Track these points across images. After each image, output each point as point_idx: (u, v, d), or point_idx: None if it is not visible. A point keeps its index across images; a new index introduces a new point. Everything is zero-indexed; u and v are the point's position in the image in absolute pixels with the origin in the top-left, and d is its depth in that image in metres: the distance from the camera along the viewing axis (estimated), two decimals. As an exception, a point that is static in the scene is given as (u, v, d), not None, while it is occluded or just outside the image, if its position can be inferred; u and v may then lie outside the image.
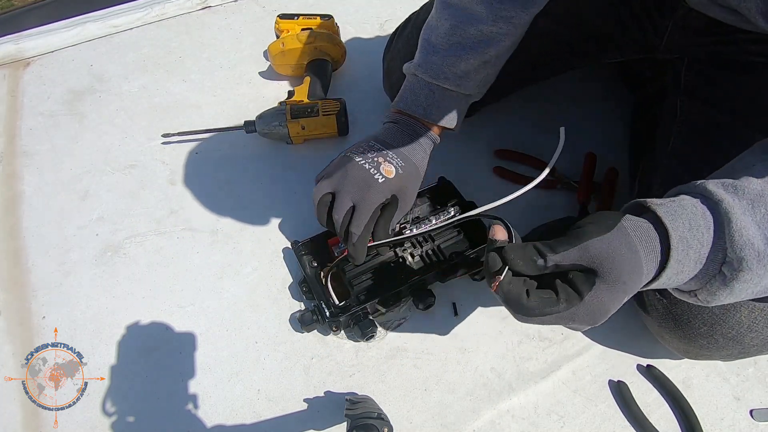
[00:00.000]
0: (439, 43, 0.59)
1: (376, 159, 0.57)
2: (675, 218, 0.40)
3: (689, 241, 0.39)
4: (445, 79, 0.59)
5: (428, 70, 0.60)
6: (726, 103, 0.61)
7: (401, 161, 0.59)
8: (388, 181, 0.56)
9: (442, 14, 0.59)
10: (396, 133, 0.61)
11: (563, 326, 0.42)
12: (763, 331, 0.50)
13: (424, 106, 0.61)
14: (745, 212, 0.38)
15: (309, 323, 0.61)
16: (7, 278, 0.68)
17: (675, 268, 0.39)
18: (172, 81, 0.93)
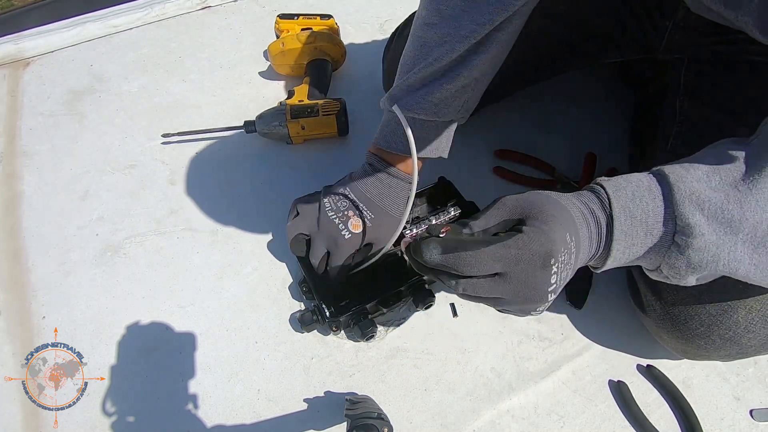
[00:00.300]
0: (414, 79, 0.55)
1: (346, 213, 0.61)
2: (618, 189, 0.40)
3: (632, 210, 0.40)
4: (420, 110, 0.56)
5: (403, 105, 0.56)
6: (726, 104, 0.61)
7: (371, 213, 0.61)
8: (355, 236, 0.60)
9: (409, 43, 0.57)
10: (370, 181, 0.62)
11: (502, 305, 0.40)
12: (761, 332, 0.50)
13: (403, 142, 0.58)
14: (699, 180, 0.39)
15: (309, 323, 0.61)
16: (7, 278, 0.68)
17: (623, 240, 0.40)
18: (172, 81, 0.93)
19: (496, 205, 0.42)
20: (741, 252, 0.38)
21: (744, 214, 0.37)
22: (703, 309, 0.51)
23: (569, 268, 0.39)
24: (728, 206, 0.38)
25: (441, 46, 0.53)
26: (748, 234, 0.38)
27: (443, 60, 0.53)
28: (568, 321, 0.65)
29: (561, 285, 0.40)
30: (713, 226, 0.38)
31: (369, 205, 0.61)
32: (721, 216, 0.38)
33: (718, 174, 0.39)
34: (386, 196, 0.62)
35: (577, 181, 0.76)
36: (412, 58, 0.56)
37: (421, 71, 0.55)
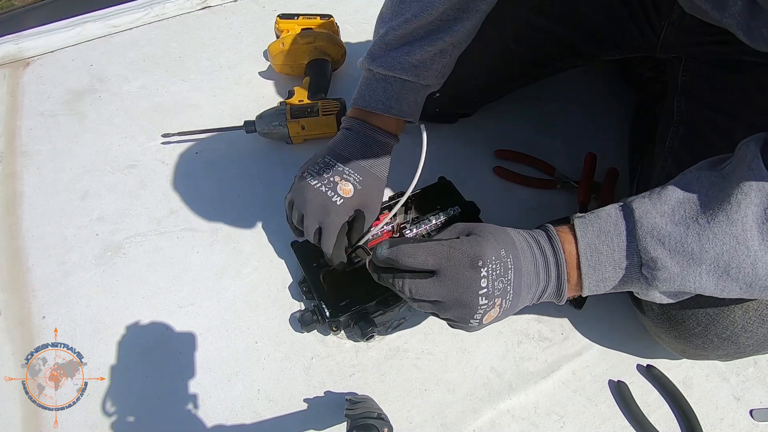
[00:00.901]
0: (393, 36, 0.56)
1: (333, 179, 0.56)
2: (586, 227, 0.44)
3: (598, 246, 0.43)
4: (401, 70, 0.56)
5: (383, 63, 0.57)
6: (722, 104, 0.61)
7: (359, 176, 0.57)
8: (347, 201, 0.56)
9: (393, 4, 0.57)
10: (352, 143, 0.59)
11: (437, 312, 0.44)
12: (758, 332, 0.50)
13: (383, 101, 0.58)
14: (663, 215, 0.41)
15: (309, 323, 0.61)
16: (7, 278, 0.68)
17: (593, 275, 0.44)
18: (172, 81, 0.93)
19: (449, 227, 0.47)
20: (706, 280, 0.41)
21: (703, 247, 0.39)
22: (700, 309, 0.51)
23: (505, 281, 0.43)
24: (687, 240, 0.40)
25: (419, 1, 0.53)
26: (711, 265, 0.40)
27: (421, 17, 0.53)
28: (568, 321, 0.65)
29: (496, 295, 0.43)
30: (676, 259, 0.40)
31: (354, 167, 0.57)
32: (681, 249, 0.40)
33: (682, 207, 0.41)
34: (370, 157, 0.59)
35: (577, 181, 0.76)
36: (389, 12, 0.56)
37: (399, 27, 0.54)
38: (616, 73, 0.92)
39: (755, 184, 0.38)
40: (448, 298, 0.42)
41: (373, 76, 0.58)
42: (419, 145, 0.82)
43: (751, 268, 0.39)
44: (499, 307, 0.44)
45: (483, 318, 0.43)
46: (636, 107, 0.85)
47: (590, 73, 0.93)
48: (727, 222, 0.39)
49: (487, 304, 0.42)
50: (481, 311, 0.43)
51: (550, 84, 0.83)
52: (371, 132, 0.59)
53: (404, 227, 0.68)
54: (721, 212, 0.39)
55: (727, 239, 0.39)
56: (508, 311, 0.45)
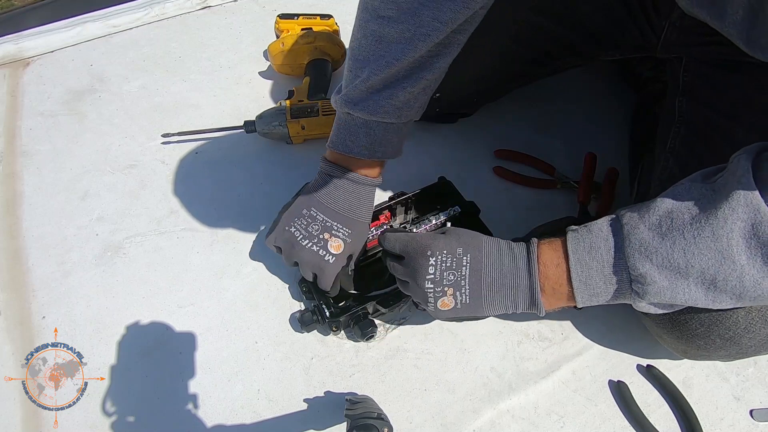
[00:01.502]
0: (374, 80, 0.52)
1: (322, 236, 0.57)
2: (577, 242, 0.46)
3: (588, 262, 0.45)
4: (384, 113, 0.54)
5: (365, 108, 0.54)
6: (722, 104, 0.61)
7: (347, 229, 0.58)
8: (339, 256, 0.58)
9: (359, 35, 0.53)
10: (337, 194, 0.58)
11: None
12: (761, 332, 0.50)
13: (366, 146, 0.56)
14: (651, 228, 0.42)
15: (309, 323, 0.61)
16: (7, 278, 0.68)
17: (584, 290, 0.46)
18: (172, 81, 0.93)
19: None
20: (695, 293, 0.42)
21: (688, 261, 0.41)
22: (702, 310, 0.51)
23: (457, 274, 0.48)
24: (674, 255, 0.41)
25: (400, 44, 0.50)
26: (698, 278, 0.41)
27: (404, 60, 0.51)
28: (568, 321, 0.65)
29: (446, 284, 0.48)
30: (663, 273, 0.42)
31: (341, 221, 0.58)
32: (668, 264, 0.41)
33: (669, 219, 0.42)
34: (356, 207, 0.59)
35: (576, 181, 0.76)
36: (367, 54, 0.52)
37: (381, 71, 0.52)
38: (616, 73, 0.92)
39: (743, 199, 0.38)
40: (408, 279, 0.51)
41: (352, 120, 0.56)
42: (421, 143, 0.83)
43: (738, 281, 0.40)
44: (452, 297, 0.49)
45: (437, 303, 0.49)
46: (636, 107, 0.85)
47: (590, 73, 0.93)
48: (713, 237, 0.39)
49: (434, 289, 0.49)
50: (431, 295, 0.49)
51: (550, 84, 0.83)
52: (355, 180, 0.58)
53: (404, 227, 0.68)
54: (707, 227, 0.40)
55: (712, 254, 0.40)
56: (469, 307, 0.49)
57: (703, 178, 0.44)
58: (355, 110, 0.54)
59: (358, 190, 0.59)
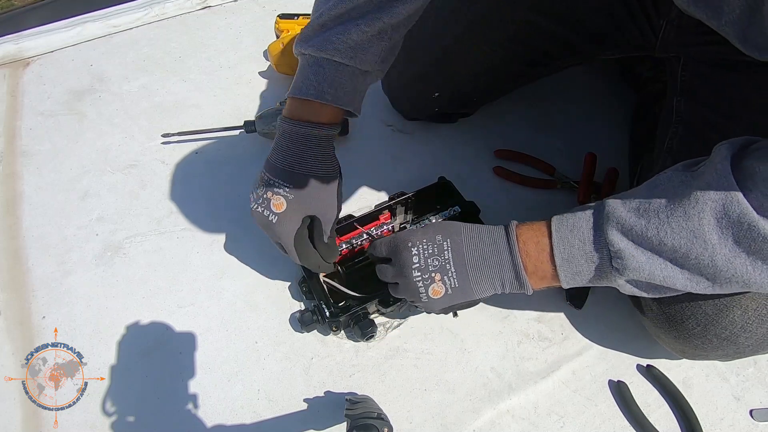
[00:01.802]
0: (327, 16, 0.51)
1: (265, 196, 0.54)
2: (561, 222, 0.47)
3: (570, 240, 0.46)
4: (335, 50, 0.51)
5: (315, 44, 0.52)
6: (721, 104, 0.61)
7: (288, 184, 0.53)
8: (283, 215, 0.54)
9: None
10: (285, 150, 0.54)
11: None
12: (757, 331, 0.50)
13: (314, 86, 0.52)
14: (629, 210, 0.44)
15: (309, 323, 0.61)
16: (7, 278, 0.68)
17: (567, 268, 0.47)
18: (172, 81, 0.93)
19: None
20: (671, 270, 0.43)
21: (661, 239, 0.42)
22: (699, 309, 0.51)
23: (441, 259, 0.50)
24: (648, 233, 0.42)
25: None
26: (671, 255, 0.42)
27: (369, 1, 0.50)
28: (568, 321, 0.65)
29: (432, 270, 0.50)
30: (640, 249, 0.43)
31: (284, 177, 0.53)
32: (644, 241, 0.43)
33: (648, 202, 0.43)
34: (304, 160, 0.54)
35: (576, 181, 0.76)
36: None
37: (335, 7, 0.50)
38: (616, 73, 0.92)
39: (715, 183, 0.39)
40: (397, 278, 0.52)
41: (306, 61, 0.53)
42: (421, 143, 0.83)
43: (710, 260, 0.41)
44: (442, 283, 0.50)
45: (429, 292, 0.50)
46: (636, 107, 0.85)
47: (590, 73, 0.93)
48: (684, 216, 0.41)
49: (422, 277, 0.50)
50: (421, 284, 0.50)
51: (550, 84, 0.83)
52: (303, 129, 0.54)
53: (404, 227, 0.68)
54: (680, 207, 0.41)
55: (684, 233, 0.41)
56: (459, 291, 0.50)
57: (685, 168, 0.45)
58: (305, 47, 0.52)
59: (309, 140, 0.54)
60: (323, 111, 0.54)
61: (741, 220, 0.38)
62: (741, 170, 0.39)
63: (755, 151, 0.41)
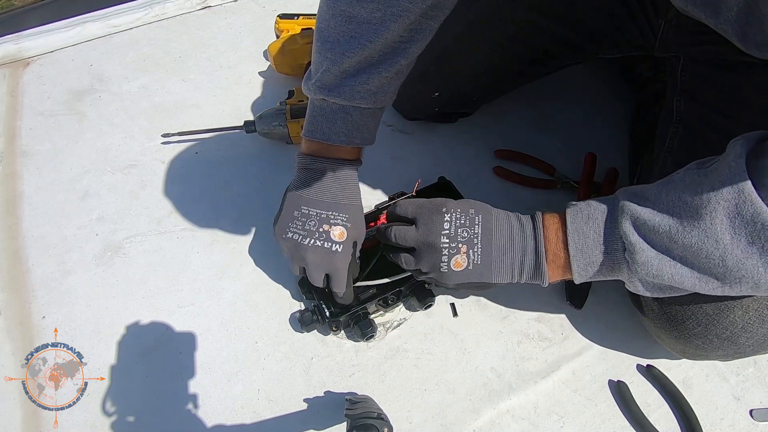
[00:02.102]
0: (348, 63, 0.52)
1: (322, 229, 0.56)
2: (576, 213, 0.48)
3: (585, 231, 0.47)
4: (361, 98, 0.54)
5: (341, 93, 0.54)
6: (721, 104, 0.61)
7: (343, 215, 0.57)
8: (345, 243, 0.57)
9: (326, 13, 0.53)
10: (322, 184, 0.58)
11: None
12: (758, 331, 0.50)
13: (345, 133, 0.56)
14: (643, 204, 0.44)
15: (309, 323, 0.61)
16: (7, 278, 0.68)
17: (581, 258, 0.47)
18: (172, 81, 0.93)
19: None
20: (680, 269, 0.43)
21: (672, 237, 0.42)
22: (699, 309, 0.51)
23: (471, 231, 0.50)
24: (660, 229, 0.42)
25: (372, 24, 0.50)
26: (682, 253, 0.42)
27: (377, 42, 0.50)
28: (568, 321, 0.65)
29: (460, 241, 0.50)
30: (651, 245, 0.43)
31: (335, 208, 0.57)
32: (656, 236, 0.43)
33: (661, 200, 0.43)
34: (345, 192, 0.58)
35: (576, 181, 0.76)
36: (337, 35, 0.52)
37: (354, 54, 0.51)
38: (616, 73, 0.92)
39: (728, 180, 0.39)
40: (420, 242, 0.52)
41: (328, 106, 0.56)
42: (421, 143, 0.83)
43: (720, 260, 0.40)
44: (466, 256, 0.50)
45: (451, 262, 0.50)
46: (636, 107, 0.85)
47: (590, 73, 0.93)
48: (696, 215, 0.40)
49: (449, 245, 0.50)
50: (446, 253, 0.50)
51: (549, 84, 0.83)
52: (336, 167, 0.58)
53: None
54: (692, 207, 0.41)
55: (696, 231, 0.40)
56: (480, 268, 0.50)
57: (698, 166, 0.45)
58: (330, 96, 0.54)
59: (343, 175, 0.58)
60: (349, 150, 0.59)
61: (755, 220, 0.38)
62: (757, 168, 0.39)
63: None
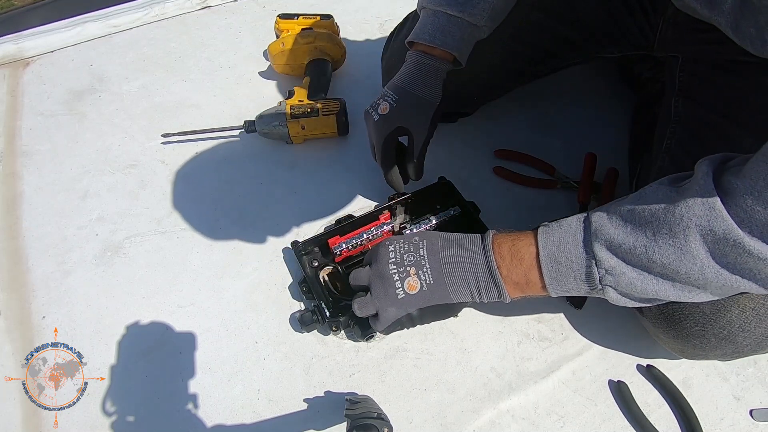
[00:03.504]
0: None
1: (377, 101, 0.65)
2: (547, 237, 0.47)
3: (558, 257, 0.47)
4: (447, 5, 0.61)
5: (432, 1, 0.63)
6: (718, 104, 0.61)
7: (395, 95, 0.64)
8: (384, 117, 0.64)
9: None
10: (403, 73, 0.65)
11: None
12: (756, 331, 0.50)
13: (429, 32, 0.63)
14: (617, 227, 0.44)
15: (309, 323, 0.61)
16: (7, 278, 0.68)
17: (556, 286, 0.48)
18: (172, 81, 0.93)
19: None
20: (663, 284, 0.44)
21: (650, 257, 0.43)
22: (697, 308, 0.51)
23: (416, 255, 0.52)
24: (636, 251, 0.43)
25: None
26: (660, 272, 0.43)
27: None
28: (568, 321, 0.65)
29: (407, 264, 0.51)
30: (630, 266, 0.44)
31: (393, 89, 0.64)
32: (633, 258, 0.44)
33: (634, 219, 0.44)
34: (415, 78, 0.64)
35: (576, 181, 0.76)
36: None
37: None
38: (616, 73, 0.92)
39: (699, 199, 0.40)
40: (371, 277, 0.53)
41: (426, 14, 0.64)
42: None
43: (700, 274, 0.41)
44: (417, 277, 0.51)
45: (405, 286, 0.51)
46: (635, 107, 0.85)
47: (590, 73, 0.93)
48: (670, 234, 0.41)
49: (398, 270, 0.52)
50: (397, 278, 0.51)
51: (549, 84, 0.83)
52: (418, 57, 0.64)
53: (404, 227, 0.68)
54: (665, 225, 0.42)
55: (671, 250, 0.41)
56: (435, 289, 0.51)
57: (671, 182, 0.45)
58: (426, 3, 0.64)
59: (419, 66, 0.64)
60: (436, 50, 0.64)
61: (726, 237, 0.39)
62: (720, 185, 0.40)
63: (731, 167, 0.41)
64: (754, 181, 0.38)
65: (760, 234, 0.38)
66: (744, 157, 0.41)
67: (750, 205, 0.38)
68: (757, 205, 0.37)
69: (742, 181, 0.39)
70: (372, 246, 0.66)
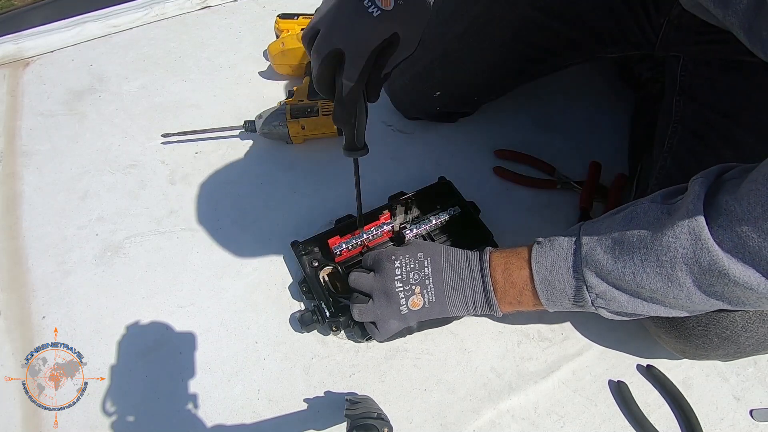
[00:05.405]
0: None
1: (413, 288, 0.54)
2: (540, 260, 0.49)
3: (551, 281, 0.49)
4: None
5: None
6: (719, 103, 0.61)
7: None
8: (386, 14, 0.41)
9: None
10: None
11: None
12: (758, 331, 0.50)
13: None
14: (606, 251, 0.45)
15: (309, 323, 0.61)
16: (7, 278, 0.68)
17: (552, 307, 0.50)
18: (172, 81, 0.93)
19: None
20: (653, 306, 0.46)
21: (638, 282, 0.44)
22: None
23: (421, 274, 0.53)
24: (625, 277, 0.44)
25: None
26: (649, 297, 0.45)
27: None
28: (568, 321, 0.65)
29: (413, 283, 0.53)
30: (619, 291, 0.46)
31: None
32: (622, 285, 0.45)
33: (623, 242, 0.44)
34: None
35: (576, 182, 0.76)
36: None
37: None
38: (616, 73, 0.92)
39: (687, 227, 0.40)
40: (377, 288, 0.55)
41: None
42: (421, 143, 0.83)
43: (687, 299, 0.42)
44: (421, 296, 0.53)
45: (409, 303, 0.53)
46: (636, 107, 0.85)
47: (590, 73, 0.93)
48: (657, 262, 0.42)
49: (403, 288, 0.53)
50: (402, 296, 0.53)
51: (550, 83, 0.83)
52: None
53: (404, 227, 0.68)
54: (653, 253, 0.42)
55: (659, 278, 0.42)
56: (435, 305, 0.53)
57: (664, 198, 0.45)
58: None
59: None
60: None
61: (712, 268, 0.39)
62: (713, 206, 0.39)
63: (728, 181, 0.41)
64: (752, 206, 0.37)
65: (751, 261, 0.37)
66: (742, 168, 0.40)
67: (745, 232, 0.37)
68: (753, 233, 0.36)
69: (739, 204, 0.38)
70: (372, 246, 0.66)
